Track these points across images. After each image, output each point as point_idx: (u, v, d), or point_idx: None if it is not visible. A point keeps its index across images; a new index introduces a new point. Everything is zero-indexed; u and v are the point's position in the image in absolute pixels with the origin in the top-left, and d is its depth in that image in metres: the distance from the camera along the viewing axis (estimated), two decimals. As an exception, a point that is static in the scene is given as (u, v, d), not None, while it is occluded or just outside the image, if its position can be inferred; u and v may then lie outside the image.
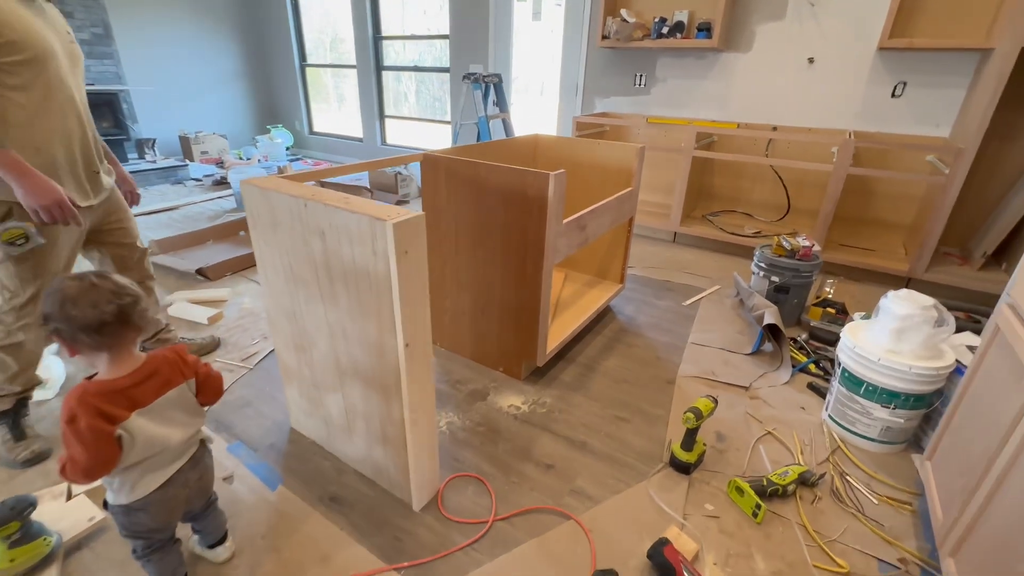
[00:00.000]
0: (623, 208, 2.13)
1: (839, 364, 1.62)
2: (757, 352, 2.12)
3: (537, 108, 4.75)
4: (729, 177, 3.63)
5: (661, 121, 3.40)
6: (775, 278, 2.27)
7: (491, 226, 1.74)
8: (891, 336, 1.49)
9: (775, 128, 3.32)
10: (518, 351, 1.87)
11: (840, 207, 3.16)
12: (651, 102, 3.76)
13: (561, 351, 2.09)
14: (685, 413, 1.42)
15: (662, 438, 1.63)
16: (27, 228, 1.32)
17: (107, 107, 4.49)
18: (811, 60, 3.10)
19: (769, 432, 1.66)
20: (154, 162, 4.86)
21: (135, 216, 3.59)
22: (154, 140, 5.05)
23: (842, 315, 2.25)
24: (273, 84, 6.35)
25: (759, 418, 1.72)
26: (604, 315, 2.43)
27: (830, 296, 2.32)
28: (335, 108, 6.22)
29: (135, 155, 4.98)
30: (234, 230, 3.39)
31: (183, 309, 2.31)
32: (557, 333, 2.00)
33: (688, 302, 2.59)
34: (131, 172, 4.59)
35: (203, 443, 1.10)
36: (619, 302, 2.58)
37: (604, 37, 3.50)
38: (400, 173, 4.26)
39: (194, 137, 5.25)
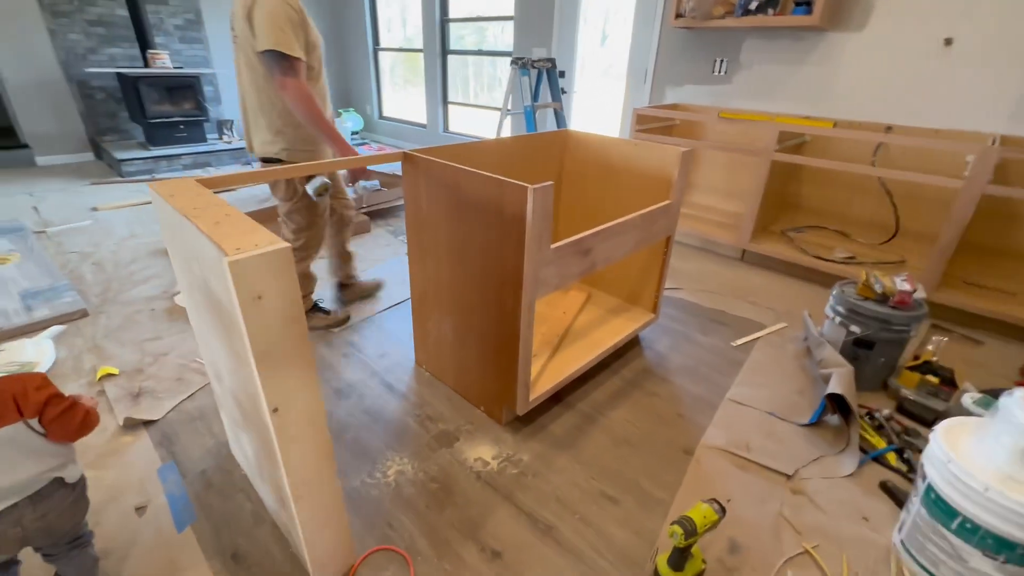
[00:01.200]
0: (655, 226, 1.72)
1: (924, 476, 1.14)
2: (816, 424, 1.64)
3: (604, 98, 4.31)
4: (821, 186, 2.99)
5: (736, 116, 2.85)
6: (855, 328, 1.74)
7: (470, 243, 1.45)
8: (1012, 456, 1.00)
9: (889, 128, 2.64)
10: (499, 392, 1.57)
11: (969, 234, 2.44)
12: (732, 93, 3.19)
13: (561, 391, 1.76)
14: (672, 525, 1.05)
15: (655, 534, 1.26)
16: (328, 183, 1.83)
17: (189, 90, 4.75)
18: (948, 41, 2.39)
19: (808, 551, 1.22)
20: (229, 143, 5.10)
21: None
22: (232, 121, 5.29)
23: (947, 387, 1.68)
24: (348, 67, 6.44)
25: (798, 526, 1.29)
26: (629, 348, 2.05)
27: (935, 359, 1.74)
28: (406, 93, 6.17)
29: (214, 135, 5.26)
30: (274, 216, 3.39)
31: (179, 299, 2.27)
32: (556, 372, 1.67)
33: (740, 341, 2.11)
34: (207, 152, 4.85)
35: (58, 481, 0.94)
36: (653, 333, 2.17)
37: (679, 15, 2.99)
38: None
39: (270, 119, 5.43)
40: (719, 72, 3.20)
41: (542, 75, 3.25)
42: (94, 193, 3.92)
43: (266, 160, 1.86)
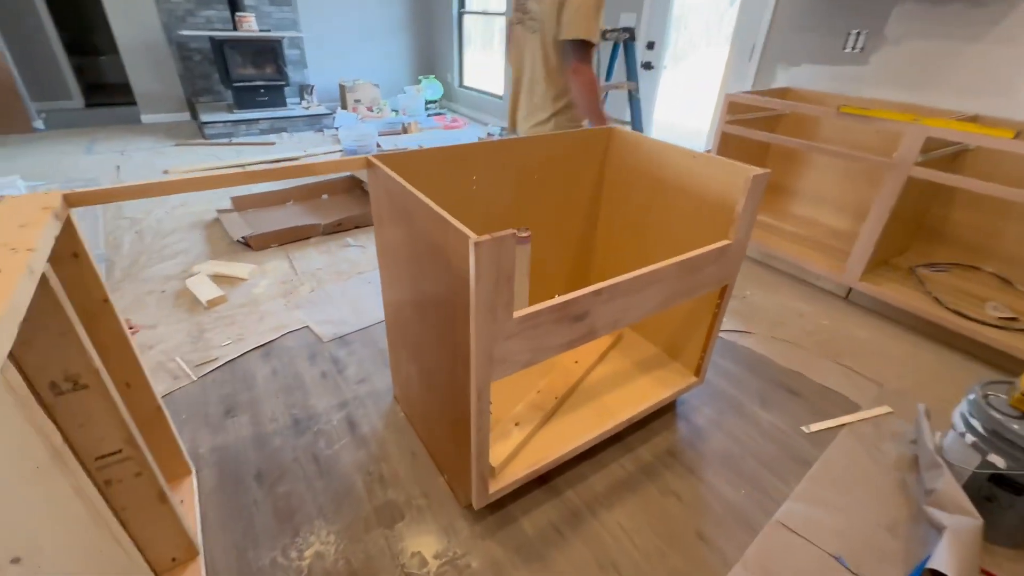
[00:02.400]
0: (702, 275, 1.25)
1: None
2: (906, 593, 1.12)
3: (704, 74, 3.60)
4: (978, 212, 2.20)
5: (863, 112, 2.13)
6: (997, 458, 1.16)
7: (425, 289, 1.11)
8: None
9: (1109, 141, 1.81)
10: (462, 467, 1.25)
11: None
12: (866, 77, 2.43)
13: (551, 472, 1.39)
14: None
15: None
16: None
17: (271, 53, 4.79)
18: None
19: None
20: (307, 108, 5.12)
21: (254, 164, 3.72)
22: (312, 87, 5.31)
23: None
24: (433, 33, 6.17)
25: None
26: (660, 414, 1.61)
27: None
28: (492, 61, 5.79)
29: (295, 100, 5.32)
30: (319, 191, 3.27)
31: (199, 283, 2.20)
32: (544, 449, 1.30)
33: (815, 427, 1.58)
34: (283, 118, 4.90)
35: None
36: (695, 395, 1.70)
37: (804, -28, 2.29)
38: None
39: (350, 85, 5.39)
40: (853, 48, 2.44)
41: (617, 49, 2.72)
42: (176, 154, 4.10)
43: None
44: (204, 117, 4.56)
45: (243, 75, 4.75)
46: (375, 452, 1.44)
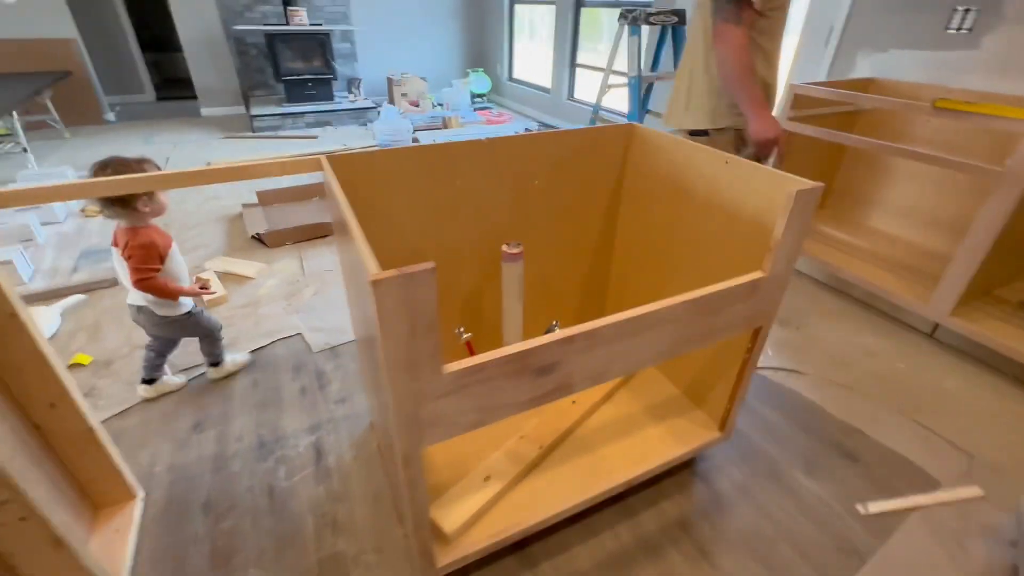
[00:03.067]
0: (726, 316, 0.98)
1: None
2: None
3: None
4: None
5: (966, 108, 1.70)
6: None
7: (358, 317, 0.92)
8: None
9: None
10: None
11: None
12: (974, 65, 1.98)
13: (529, 537, 1.16)
14: None
15: None
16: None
17: (319, 47, 4.81)
18: None
19: None
20: (353, 102, 5.11)
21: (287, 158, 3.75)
22: (359, 80, 5.30)
23: None
24: (484, 24, 6.00)
25: None
26: (674, 471, 1.34)
27: None
28: (541, 53, 5.55)
29: (344, 94, 5.34)
30: (347, 188, 3.19)
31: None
32: (517, 512, 1.09)
33: (875, 508, 1.25)
34: (329, 111, 4.92)
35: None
36: (722, 450, 1.41)
37: (898, -64, 1.88)
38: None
39: (397, 79, 5.34)
40: (959, 29, 2.00)
41: (665, 34, 2.40)
42: (222, 147, 4.20)
43: (694, 133, 1.57)
44: (254, 110, 4.66)
45: (292, 68, 4.81)
46: (336, 489, 1.28)
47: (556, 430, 1.26)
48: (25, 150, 3.33)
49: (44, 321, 1.84)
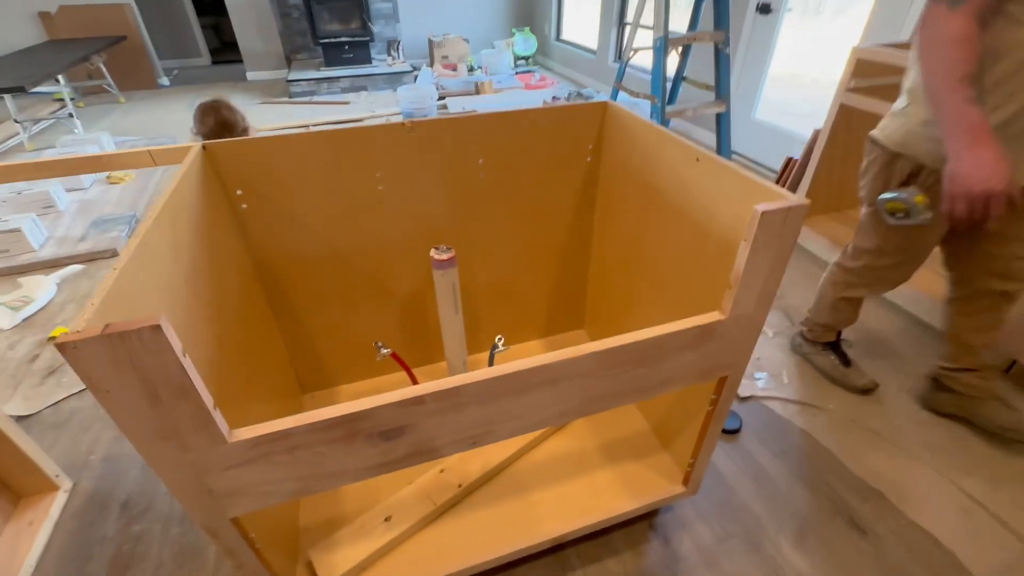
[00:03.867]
0: (668, 366, 0.75)
1: None
2: None
3: (847, 21, 2.62)
4: None
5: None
6: None
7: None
8: None
9: None
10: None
11: None
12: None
13: (440, 579, 1.02)
14: None
15: None
16: (912, 204, 1.05)
17: (355, 8, 4.65)
18: None
19: None
20: (391, 66, 4.96)
21: (321, 124, 3.68)
22: (399, 42, 5.12)
23: None
24: (533, -22, 5.56)
25: None
26: (628, 522, 1.14)
27: None
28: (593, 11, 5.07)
29: (382, 57, 5.19)
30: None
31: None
32: (421, 560, 0.95)
33: (876, 601, 0.99)
34: (364, 75, 4.80)
35: None
36: (695, 501, 1.18)
37: None
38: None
39: (438, 40, 5.10)
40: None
41: (704, -15, 2.02)
42: (258, 112, 4.22)
43: (874, 142, 1.20)
44: (291, 75, 4.63)
45: (329, 31, 4.71)
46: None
47: (484, 465, 1.09)
48: (71, 115, 3.48)
49: (41, 291, 1.89)
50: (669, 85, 2.39)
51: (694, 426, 1.00)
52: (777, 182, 2.27)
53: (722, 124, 2.20)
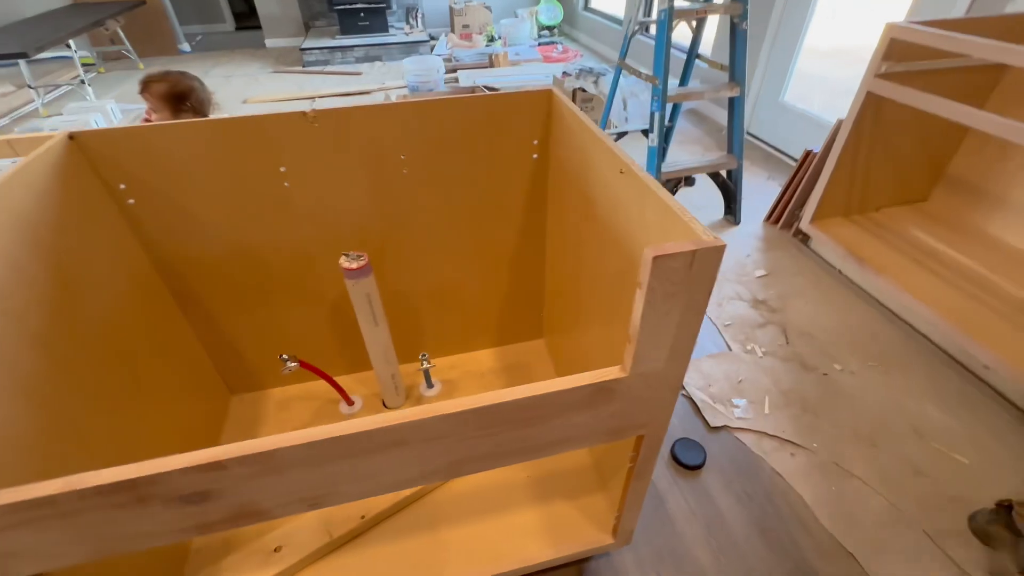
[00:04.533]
0: (549, 431, 0.62)
1: None
2: None
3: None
4: None
5: None
6: None
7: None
8: None
9: None
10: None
11: None
12: None
13: (339, 613, 0.95)
14: None
15: None
16: None
17: (372, -29, 4.47)
18: None
19: None
20: (408, 35, 4.77)
21: (329, 96, 3.60)
22: (418, 9, 4.91)
23: None
24: (564, -60, 5.20)
25: None
26: (563, 568, 1.03)
27: None
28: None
29: (401, 25, 5.00)
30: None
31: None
32: None
33: None
34: (379, 45, 4.64)
35: None
36: (632, 551, 1.06)
37: None
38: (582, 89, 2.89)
39: (459, 8, 4.87)
40: None
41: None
42: (269, 82, 4.15)
43: None
44: (305, 43, 4.53)
45: (343, -4, 4.55)
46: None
47: (394, 495, 1.00)
48: (83, 82, 3.50)
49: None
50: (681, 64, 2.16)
51: (614, 488, 0.87)
52: (793, 177, 2.02)
53: (735, 110, 1.97)
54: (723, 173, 2.09)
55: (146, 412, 0.91)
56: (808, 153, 1.96)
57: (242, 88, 4.00)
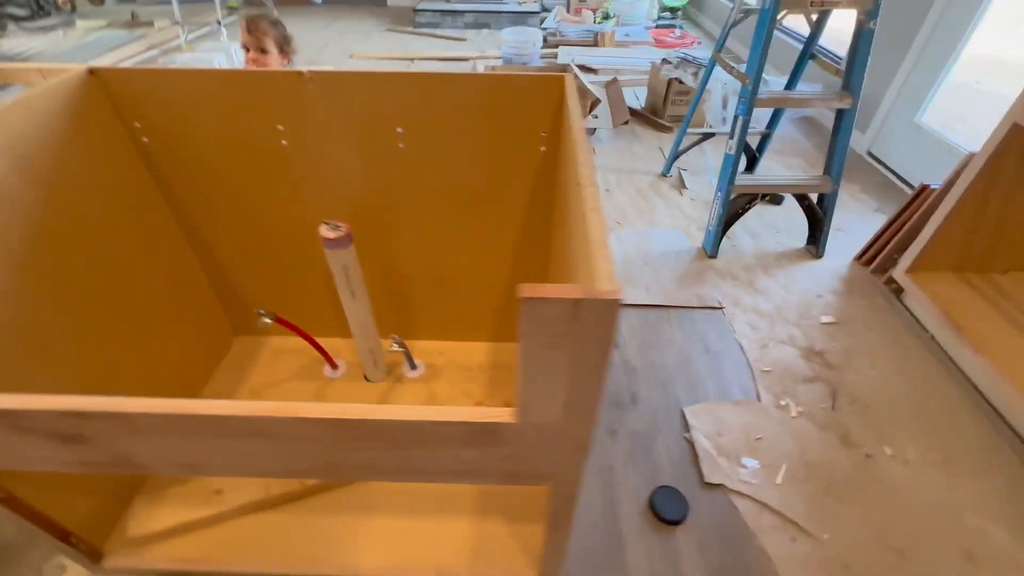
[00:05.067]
0: (427, 458, 0.56)
1: None
2: None
3: None
4: None
5: None
6: None
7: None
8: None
9: None
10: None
11: None
12: None
13: None
14: None
15: None
16: None
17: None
18: None
19: None
20: (521, 4, 4.67)
21: (428, 58, 3.66)
22: (536, -22, 4.77)
23: None
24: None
25: None
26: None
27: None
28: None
29: (517, -7, 4.89)
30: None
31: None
32: (229, 548, 0.91)
33: None
34: (489, 12, 4.58)
35: None
36: (577, 588, 0.97)
37: None
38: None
39: (579, -20, 4.67)
40: None
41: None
42: (379, 40, 4.30)
43: None
44: (421, 4, 4.60)
45: (464, -40, 4.54)
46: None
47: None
48: (220, 24, 3.85)
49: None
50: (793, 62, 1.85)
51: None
52: (900, 213, 1.68)
53: (842, 125, 1.66)
54: (813, 196, 1.81)
55: (141, 343, 0.97)
56: (924, 188, 1.62)
57: (354, 43, 4.18)
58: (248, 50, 1.66)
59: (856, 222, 2.03)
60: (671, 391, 1.35)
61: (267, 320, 1.02)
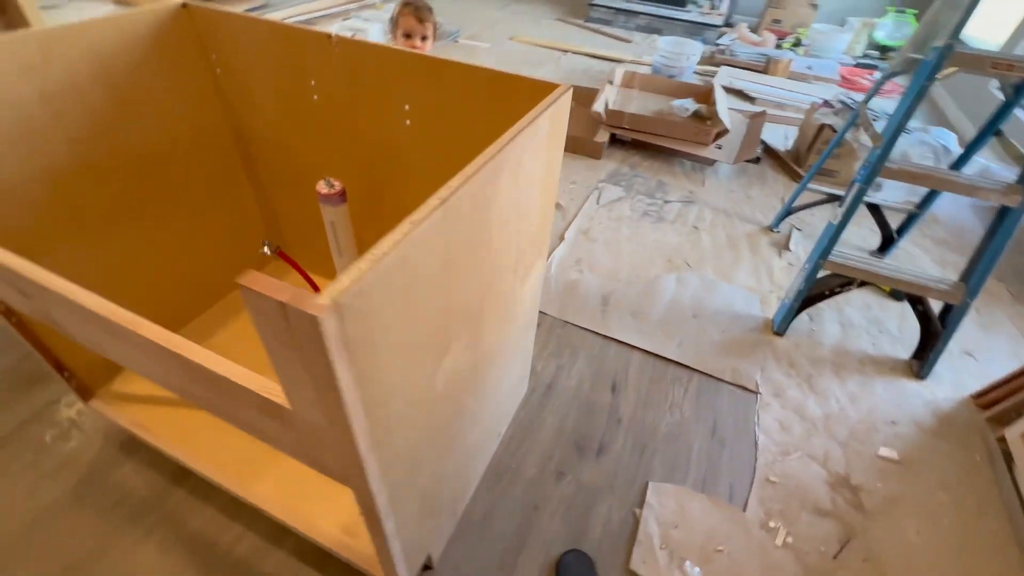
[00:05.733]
0: (236, 408, 0.58)
1: None
2: None
3: None
4: None
5: None
6: None
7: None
8: None
9: None
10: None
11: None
12: None
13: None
14: None
15: None
16: None
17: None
18: None
19: None
20: (706, 15, 4.35)
21: (581, 53, 3.60)
22: (727, -9, 4.40)
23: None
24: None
25: None
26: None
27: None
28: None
29: (706, 0, 4.57)
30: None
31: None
32: (200, 439, 1.05)
33: None
34: (663, 18, 4.35)
35: None
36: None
37: None
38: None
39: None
40: None
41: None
42: (548, 28, 4.35)
43: None
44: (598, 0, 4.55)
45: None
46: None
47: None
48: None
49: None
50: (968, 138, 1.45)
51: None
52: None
53: (1002, 225, 1.27)
54: (935, 304, 1.44)
55: (176, 242, 1.15)
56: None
57: (521, 27, 4.29)
58: (409, 36, 1.65)
59: (1000, 352, 1.58)
60: (647, 459, 1.21)
61: (266, 251, 1.12)
